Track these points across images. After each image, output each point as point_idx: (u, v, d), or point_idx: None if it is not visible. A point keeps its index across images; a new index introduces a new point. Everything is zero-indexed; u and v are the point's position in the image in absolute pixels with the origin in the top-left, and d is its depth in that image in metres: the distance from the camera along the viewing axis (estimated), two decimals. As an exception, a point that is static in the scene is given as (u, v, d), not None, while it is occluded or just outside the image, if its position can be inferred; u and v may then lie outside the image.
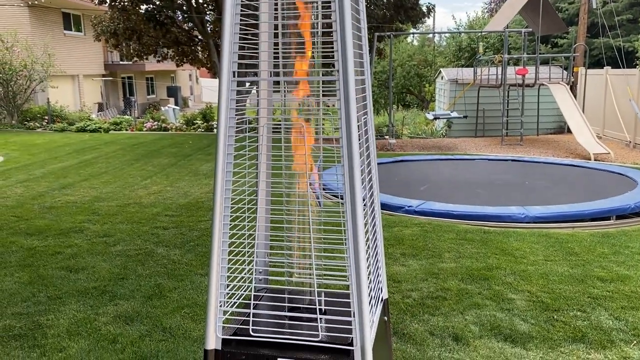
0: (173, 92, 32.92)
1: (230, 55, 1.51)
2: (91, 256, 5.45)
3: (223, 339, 1.56)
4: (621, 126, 14.48)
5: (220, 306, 1.56)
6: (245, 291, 1.75)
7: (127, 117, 22.09)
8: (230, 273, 1.63)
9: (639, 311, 4.08)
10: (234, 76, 1.53)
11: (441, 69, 19.87)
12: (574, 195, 7.56)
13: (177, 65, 22.59)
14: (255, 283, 1.88)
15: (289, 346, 1.55)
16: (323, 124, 1.71)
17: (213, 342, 1.55)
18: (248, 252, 1.80)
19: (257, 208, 1.81)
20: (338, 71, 1.42)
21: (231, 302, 1.62)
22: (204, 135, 17.33)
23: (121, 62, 28.27)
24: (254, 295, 1.76)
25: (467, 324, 3.94)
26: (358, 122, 1.49)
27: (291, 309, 1.71)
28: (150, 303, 4.33)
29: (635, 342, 3.66)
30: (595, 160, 11.76)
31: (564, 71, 16.40)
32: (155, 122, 19.38)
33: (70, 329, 3.92)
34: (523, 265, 5.04)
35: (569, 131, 16.19)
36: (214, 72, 20.29)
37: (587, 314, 4.05)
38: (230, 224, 1.63)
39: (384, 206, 6.93)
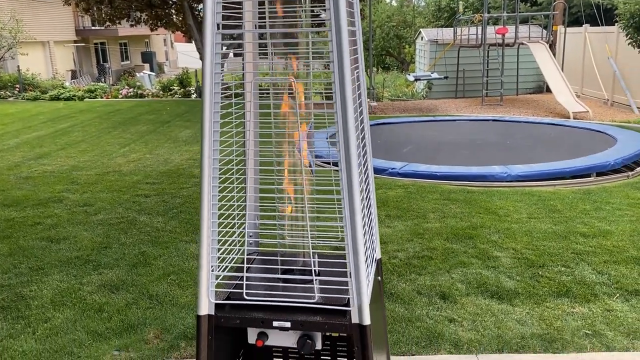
0: (148, 57, 32.15)
1: (214, 5, 1.42)
2: (72, 226, 5.35)
3: (216, 304, 1.52)
4: (599, 84, 14.57)
5: (212, 270, 1.51)
6: (236, 255, 1.70)
7: (101, 84, 21.58)
8: (221, 237, 1.58)
9: (621, 265, 4.15)
10: (218, 29, 1.45)
11: (421, 30, 19.67)
12: (555, 154, 7.62)
13: (151, 30, 21.96)
14: (246, 247, 1.84)
15: (284, 309, 1.52)
16: (312, 88, 1.64)
17: (206, 307, 1.51)
18: (238, 215, 1.74)
19: (246, 170, 1.75)
20: (329, 20, 1.35)
21: (222, 266, 1.57)
22: (182, 102, 17.04)
23: (93, 28, 27.46)
24: (246, 259, 1.72)
25: (453, 282, 3.97)
26: (351, 75, 1.43)
27: (284, 272, 1.67)
28: (136, 271, 4.28)
29: (617, 295, 3.73)
30: (574, 118, 11.85)
31: (544, 30, 16.35)
32: (131, 89, 18.97)
33: (54, 299, 3.86)
34: (507, 224, 5.08)
35: (548, 90, 16.26)
36: (190, 35, 19.80)
37: (571, 269, 4.11)
38: (220, 187, 1.57)
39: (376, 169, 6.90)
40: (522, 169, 6.71)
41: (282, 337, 1.54)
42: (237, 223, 1.72)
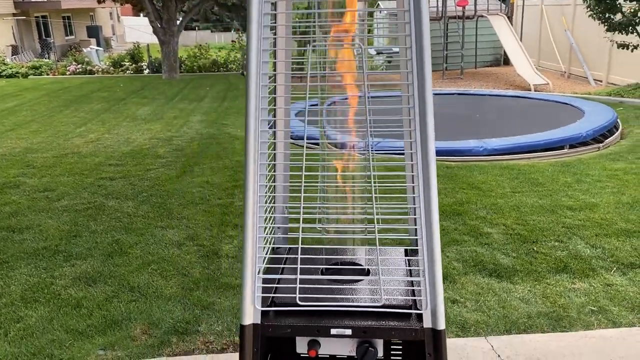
0: (94, 32, 30.74)
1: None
2: (34, 213, 4.95)
3: (262, 312, 1.30)
4: (557, 57, 14.79)
5: (259, 273, 1.29)
6: (267, 253, 1.48)
7: (46, 60, 20.45)
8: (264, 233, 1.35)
9: (612, 238, 4.14)
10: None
11: (379, 2, 19.43)
12: (526, 127, 7.62)
13: (98, 2, 20.94)
14: (279, 242, 1.62)
15: (340, 313, 1.32)
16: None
17: (251, 315, 1.29)
18: (269, 207, 1.52)
19: (275, 157, 1.52)
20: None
21: (262, 266, 1.35)
22: (135, 78, 16.32)
23: (33, 0, 25.91)
24: (287, 257, 1.50)
25: (449, 261, 3.86)
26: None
27: (329, 269, 1.47)
28: (112, 261, 3.98)
29: (614, 268, 3.70)
30: (535, 90, 11.97)
31: (502, 3, 16.41)
32: (80, 65, 18.04)
33: (25, 295, 3.53)
34: (492, 199, 5.00)
35: (506, 63, 16.43)
36: (140, 8, 18.93)
37: (564, 244, 4.07)
38: (265, 183, 1.33)
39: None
40: (497, 143, 6.66)
41: (336, 345, 1.35)
42: (268, 216, 1.50)
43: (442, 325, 1.27)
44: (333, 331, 1.29)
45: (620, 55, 11.91)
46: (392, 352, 1.38)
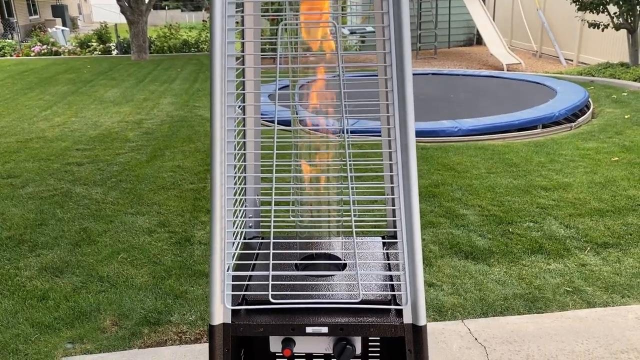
0: (59, 11, 29.80)
1: None
2: (-3, 201, 4.76)
3: (232, 310, 1.22)
4: (529, 36, 14.85)
5: (228, 270, 1.20)
6: (238, 245, 1.40)
7: (9, 41, 19.75)
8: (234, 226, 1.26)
9: (586, 218, 4.16)
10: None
11: (352, -19, 19.20)
12: (499, 107, 7.63)
13: (63, -20, 20.28)
14: (251, 233, 1.53)
15: (315, 310, 1.25)
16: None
17: (220, 314, 1.21)
18: (239, 189, 1.43)
19: (245, 143, 1.42)
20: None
21: (232, 262, 1.27)
22: (102, 59, 15.88)
23: (-6, -22, 24.95)
24: (252, 251, 1.42)
25: (426, 243, 3.83)
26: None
27: (304, 264, 1.39)
28: (79, 250, 3.84)
29: (588, 248, 3.72)
30: (507, 70, 12.02)
31: (474, -19, 16.35)
32: (45, 46, 17.47)
33: (-13, 288, 3.38)
34: (468, 180, 4.99)
35: (478, 43, 16.46)
36: (107, -13, 18.34)
37: (539, 225, 4.07)
38: (233, 166, 1.24)
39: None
40: (471, 123, 6.65)
41: (311, 343, 1.28)
42: (239, 200, 1.41)
43: (423, 320, 1.21)
44: (308, 329, 1.22)
45: (591, 35, 12.00)
46: (370, 349, 1.32)
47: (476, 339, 2.87)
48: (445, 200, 4.55)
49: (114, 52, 17.51)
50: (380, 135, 1.48)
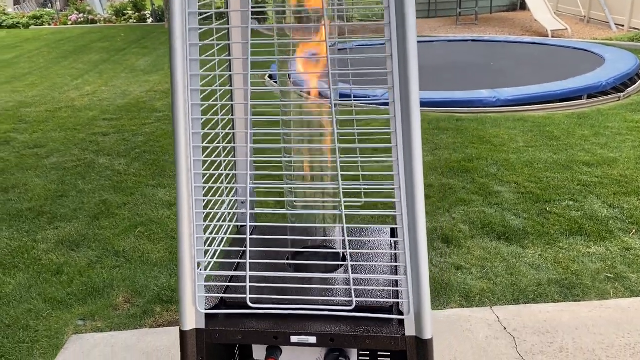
0: (97, -20, 29.85)
1: None
2: (21, 172, 4.74)
3: (206, 314, 1.06)
4: (576, 1, 14.02)
5: (199, 268, 1.04)
6: (224, 235, 1.22)
7: (48, 10, 19.93)
8: (208, 213, 1.09)
9: (632, 197, 3.84)
10: None
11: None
12: (542, 75, 7.19)
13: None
14: (242, 219, 1.36)
15: (306, 317, 1.07)
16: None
17: (192, 319, 1.05)
18: (227, 176, 1.25)
19: (232, 109, 1.24)
20: None
21: (207, 259, 1.10)
22: (137, 27, 15.83)
23: (33, -53, 25.05)
24: (235, 241, 1.25)
25: (455, 223, 3.61)
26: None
27: (293, 257, 1.21)
28: (97, 223, 3.77)
29: (634, 230, 3.43)
30: (552, 37, 11.38)
31: (520, -58, 15.50)
32: (81, 15, 17.53)
33: (4, 261, 3.35)
34: (504, 154, 4.69)
35: (522, 8, 15.68)
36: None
37: (579, 204, 3.78)
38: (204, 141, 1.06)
39: (345, 96, 6.37)
40: (511, 93, 6.28)
41: (300, 353, 1.11)
42: (226, 188, 1.23)
43: (428, 333, 1.02)
44: (294, 339, 1.05)
45: (645, -2, 11.22)
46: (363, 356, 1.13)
47: (505, 329, 2.66)
48: (479, 176, 4.29)
49: (149, 21, 17.45)
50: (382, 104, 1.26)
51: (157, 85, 8.04)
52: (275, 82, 6.97)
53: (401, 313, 1.04)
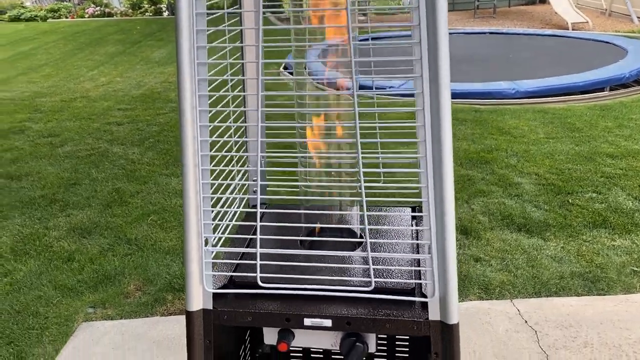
0: (114, -26, 29.99)
1: None
2: (35, 160, 4.72)
3: (214, 294, 0.99)
4: (598, -7, 13.75)
5: (206, 244, 0.97)
6: (233, 217, 1.15)
7: (65, 3, 20.04)
8: (215, 192, 1.02)
9: (658, 189, 3.71)
10: None
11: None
12: (563, 67, 7.03)
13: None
14: (248, 199, 1.29)
15: (321, 299, 1.00)
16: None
17: (199, 299, 0.98)
18: (236, 156, 1.18)
19: (244, 86, 1.16)
20: None
21: (216, 235, 1.03)
22: (153, 20, 15.86)
23: (51, -59, 25.24)
24: (259, 229, 1.17)
25: (474, 214, 3.51)
26: None
27: (308, 235, 1.14)
28: (110, 211, 3.73)
29: (660, 224, 3.30)
30: (573, 29, 11.16)
31: None
32: (98, 8, 17.60)
33: (15, 247, 3.32)
34: (524, 145, 4.57)
35: (541, 2, 15.43)
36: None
37: (603, 196, 3.66)
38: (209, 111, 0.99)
39: (363, 87, 6.28)
40: (531, 84, 6.14)
41: (314, 337, 1.04)
42: (238, 159, 1.16)
43: (454, 318, 0.94)
44: (307, 321, 0.97)
45: (669, -11, 10.95)
46: (395, 348, 1.05)
47: (526, 322, 2.56)
48: (498, 167, 4.18)
49: (165, 14, 17.47)
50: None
51: (171, 76, 8.00)
52: (290, 74, 6.89)
53: (424, 295, 0.96)
